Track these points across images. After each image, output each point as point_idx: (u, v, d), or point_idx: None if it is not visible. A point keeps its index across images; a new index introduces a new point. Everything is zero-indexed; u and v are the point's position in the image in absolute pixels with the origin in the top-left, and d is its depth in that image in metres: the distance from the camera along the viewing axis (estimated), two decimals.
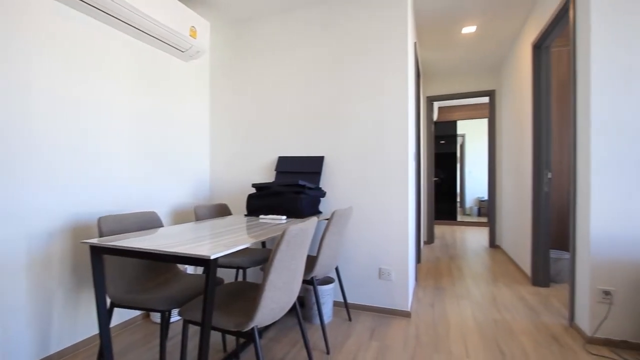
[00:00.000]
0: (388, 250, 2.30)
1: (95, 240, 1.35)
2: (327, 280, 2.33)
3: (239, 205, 2.75)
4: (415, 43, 2.85)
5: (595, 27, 1.86)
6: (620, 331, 1.83)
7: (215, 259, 1.11)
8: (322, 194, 2.37)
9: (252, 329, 1.16)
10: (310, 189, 2.21)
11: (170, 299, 1.43)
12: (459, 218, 7.44)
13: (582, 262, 1.98)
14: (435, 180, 6.21)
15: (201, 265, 1.10)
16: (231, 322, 1.17)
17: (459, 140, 8.43)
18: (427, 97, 4.76)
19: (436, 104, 6.56)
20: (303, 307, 2.32)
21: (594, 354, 1.77)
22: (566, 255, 2.98)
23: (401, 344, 1.90)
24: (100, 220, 1.59)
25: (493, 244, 4.56)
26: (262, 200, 2.22)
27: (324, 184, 2.48)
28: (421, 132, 4.02)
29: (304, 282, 1.83)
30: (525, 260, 3.19)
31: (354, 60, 2.39)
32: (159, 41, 2.22)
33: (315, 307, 2.16)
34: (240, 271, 2.71)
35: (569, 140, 3.19)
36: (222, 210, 2.43)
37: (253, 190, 2.73)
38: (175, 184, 2.51)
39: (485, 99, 6.40)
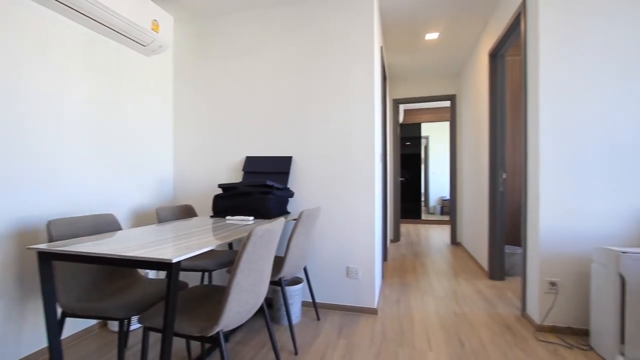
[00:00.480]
0: (355, 249, 2.34)
1: (43, 246, 1.25)
2: (296, 281, 2.33)
3: (205, 206, 2.67)
4: (381, 47, 2.93)
5: (543, 38, 2.01)
6: (565, 318, 2.00)
7: (178, 263, 1.07)
8: (290, 194, 2.36)
9: (218, 333, 1.13)
10: (278, 189, 2.20)
11: (129, 305, 1.36)
12: (424, 217, 7.73)
13: (533, 256, 2.13)
14: (401, 181, 6.41)
15: (163, 270, 1.06)
16: (195, 327, 1.14)
17: (423, 142, 8.76)
18: (394, 100, 4.90)
19: (402, 107, 6.77)
20: (271, 308, 2.30)
21: (542, 341, 1.92)
22: (519, 250, 3.20)
23: (368, 340, 1.94)
24: (50, 223, 1.47)
25: (454, 241, 4.78)
26: (228, 201, 2.17)
27: (292, 184, 2.48)
28: (387, 133, 4.13)
29: (272, 283, 1.81)
30: (483, 255, 3.38)
31: (322, 61, 2.41)
32: (119, 34, 2.10)
33: (283, 308, 2.15)
34: (206, 274, 2.63)
35: (521, 143, 3.42)
36: (186, 212, 2.35)
37: (219, 191, 2.66)
38: (135, 185, 2.38)
39: (447, 103, 6.70)
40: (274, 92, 2.52)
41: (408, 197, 7.56)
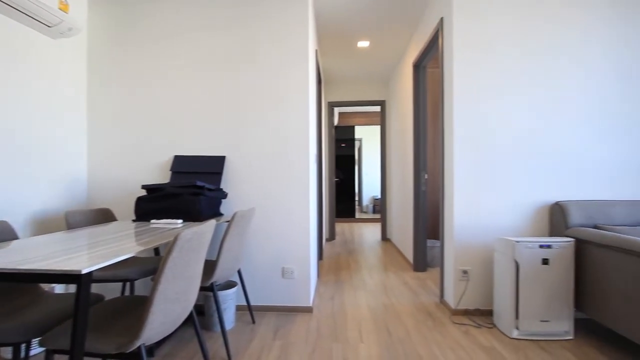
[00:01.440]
0: (291, 250, 2.35)
1: None
2: (230, 285, 2.25)
3: (126, 210, 2.43)
4: (316, 50, 2.99)
5: (456, 54, 2.27)
6: (474, 301, 2.28)
7: (89, 274, 0.96)
8: (223, 195, 2.28)
9: (139, 347, 1.04)
10: (210, 190, 2.11)
11: (28, 327, 1.18)
12: (357, 215, 8.10)
13: (449, 248, 2.38)
14: (335, 181, 6.61)
15: (71, 282, 0.94)
16: (112, 344, 1.03)
17: (357, 144, 9.17)
18: (329, 103, 5.05)
19: (337, 109, 7.00)
20: (203, 316, 2.19)
21: (457, 323, 2.16)
22: (438, 244, 3.54)
23: (303, 339, 1.96)
24: None
25: (385, 237, 5.11)
26: (154, 203, 2.01)
27: (226, 184, 2.39)
28: (323, 135, 4.23)
29: (203, 289, 1.73)
30: (408, 250, 3.67)
31: (257, 60, 2.37)
32: (19, 12, 1.79)
33: (216, 314, 2.07)
34: (128, 285, 2.39)
35: (439, 147, 3.80)
36: (103, 216, 2.11)
37: (143, 193, 2.45)
38: (39, 186, 2.06)
39: (378, 108, 7.12)
40: (206, 89, 2.41)
41: (343, 197, 7.84)
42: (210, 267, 1.89)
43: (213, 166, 2.34)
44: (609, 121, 2.19)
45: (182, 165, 2.35)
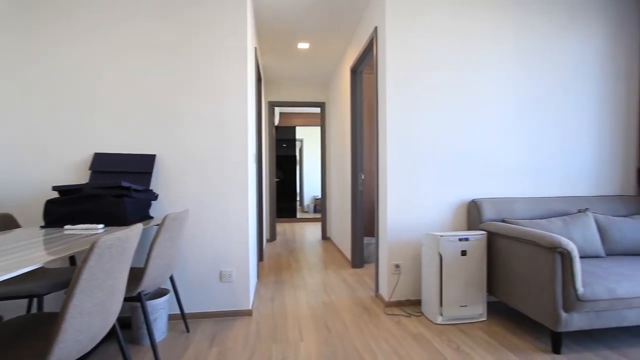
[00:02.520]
0: (229, 252, 2.28)
1: None
2: (161, 293, 2.10)
3: (34, 215, 2.12)
4: (256, 48, 2.94)
5: (389, 63, 2.42)
6: (405, 293, 2.45)
7: None
8: (153, 197, 2.12)
9: None
10: (137, 191, 1.94)
11: None
12: (299, 215, 8.15)
13: (383, 244, 2.53)
14: (276, 181, 6.57)
15: None
16: None
17: (298, 144, 9.23)
18: (269, 102, 4.99)
19: (277, 109, 6.95)
20: (130, 328, 2.01)
21: (390, 314, 2.30)
22: (374, 241, 3.74)
23: (242, 343, 1.92)
24: None
25: (325, 236, 5.22)
26: (68, 207, 1.78)
27: (157, 185, 2.22)
28: (263, 134, 4.18)
29: (130, 299, 1.59)
30: (347, 247, 3.81)
31: (193, 53, 2.25)
32: None
33: (145, 326, 1.91)
34: (36, 301, 2.09)
35: (375, 149, 4.01)
36: (3, 223, 1.81)
37: (55, 194, 2.16)
38: None
39: (319, 109, 7.26)
40: (133, 80, 2.20)
41: (284, 197, 7.83)
42: (137, 275, 1.74)
43: (141, 165, 2.16)
44: (512, 130, 2.53)
45: (104, 164, 2.13)
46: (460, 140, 2.48)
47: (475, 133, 2.49)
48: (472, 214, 2.39)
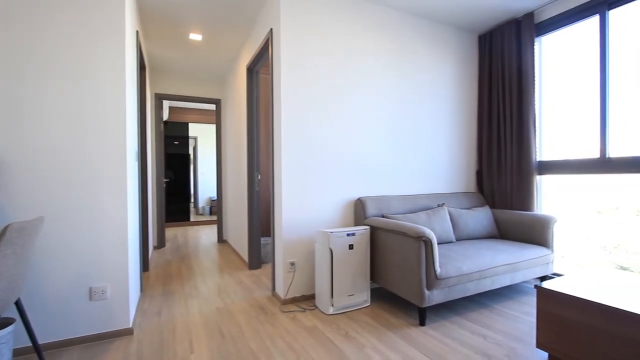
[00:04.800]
0: (102, 265, 1.97)
1: None
2: (4, 323, 1.67)
3: None
4: (138, 31, 2.62)
5: (284, 66, 2.47)
6: (300, 289, 2.55)
7: None
8: None
9: None
10: None
11: None
12: (193, 218, 7.58)
13: (279, 243, 2.58)
14: (166, 181, 5.98)
15: None
16: None
17: (192, 142, 8.58)
18: (156, 94, 4.51)
19: (166, 103, 6.33)
20: None
21: (285, 311, 2.36)
22: (270, 240, 3.77)
23: None
24: None
25: (221, 239, 5.00)
26: None
27: None
28: (148, 129, 3.74)
29: None
30: (244, 249, 3.74)
31: (53, 28, 1.85)
32: None
33: None
34: None
35: (270, 149, 4.05)
36: None
37: None
38: None
39: (214, 106, 6.90)
40: None
41: (176, 199, 7.18)
42: None
43: None
44: (389, 138, 2.90)
45: None
46: (348, 144, 2.71)
47: (360, 138, 2.76)
48: (358, 211, 2.65)
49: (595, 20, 2.60)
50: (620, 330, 1.42)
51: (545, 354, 1.76)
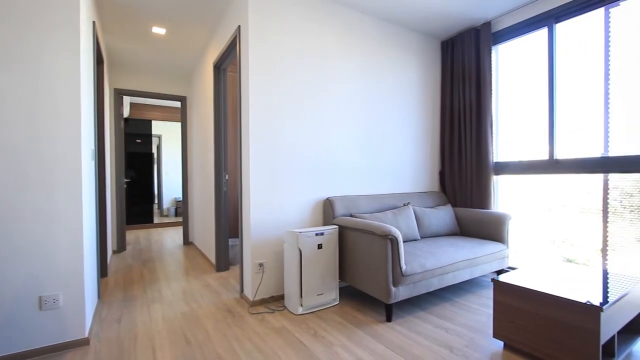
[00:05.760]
0: (53, 272, 1.84)
1: None
2: None
3: None
4: (94, 22, 2.46)
5: (252, 65, 2.44)
6: (269, 290, 2.53)
7: None
8: None
9: None
10: None
11: None
12: (156, 220, 7.25)
13: (247, 244, 2.54)
14: (127, 182, 5.68)
15: None
16: None
17: (156, 140, 8.22)
18: (115, 89, 4.27)
19: (127, 99, 6.01)
20: None
21: (254, 313, 2.33)
22: (238, 241, 3.70)
23: None
24: None
25: (187, 241, 4.83)
26: None
27: None
28: (107, 126, 3.53)
29: None
30: (211, 250, 3.64)
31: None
32: None
33: None
34: None
35: (238, 149, 3.98)
36: None
37: None
38: None
39: (179, 104, 6.65)
40: None
41: (138, 200, 6.83)
42: None
43: None
44: (357, 140, 2.95)
45: None
46: (317, 144, 2.72)
47: (328, 139, 2.79)
48: (327, 210, 2.67)
49: (544, 32, 2.81)
50: (560, 316, 1.56)
51: (501, 343, 1.88)
